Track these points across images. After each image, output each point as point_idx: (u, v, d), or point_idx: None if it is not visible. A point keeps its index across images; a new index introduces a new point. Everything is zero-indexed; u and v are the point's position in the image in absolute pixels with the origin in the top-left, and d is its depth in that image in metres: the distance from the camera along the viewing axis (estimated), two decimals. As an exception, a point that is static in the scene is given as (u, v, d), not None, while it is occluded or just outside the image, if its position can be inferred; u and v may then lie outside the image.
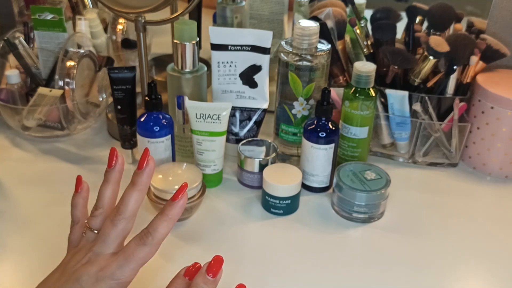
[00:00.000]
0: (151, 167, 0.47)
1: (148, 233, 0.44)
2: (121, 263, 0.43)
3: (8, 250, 0.62)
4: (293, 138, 0.78)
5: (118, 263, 0.43)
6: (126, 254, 0.44)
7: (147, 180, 0.47)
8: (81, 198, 0.51)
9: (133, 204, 0.46)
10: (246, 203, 0.71)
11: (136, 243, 0.44)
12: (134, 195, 0.46)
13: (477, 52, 0.76)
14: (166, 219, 0.45)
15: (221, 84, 0.77)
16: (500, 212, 0.72)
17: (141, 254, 0.44)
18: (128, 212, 0.46)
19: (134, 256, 0.43)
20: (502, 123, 0.75)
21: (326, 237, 0.66)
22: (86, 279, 0.43)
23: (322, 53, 0.72)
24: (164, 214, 0.45)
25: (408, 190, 0.76)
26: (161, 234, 0.44)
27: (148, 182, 0.47)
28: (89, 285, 0.42)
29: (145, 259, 0.44)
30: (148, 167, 0.47)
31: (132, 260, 0.43)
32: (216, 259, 0.45)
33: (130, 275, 0.44)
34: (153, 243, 0.44)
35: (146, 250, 0.44)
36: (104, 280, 0.43)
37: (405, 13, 0.88)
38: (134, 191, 0.46)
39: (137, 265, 0.44)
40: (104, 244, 0.45)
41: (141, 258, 0.44)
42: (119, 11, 0.77)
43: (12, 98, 0.85)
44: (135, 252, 0.44)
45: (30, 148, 0.83)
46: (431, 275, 0.60)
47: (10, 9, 1.04)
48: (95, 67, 0.86)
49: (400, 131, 0.79)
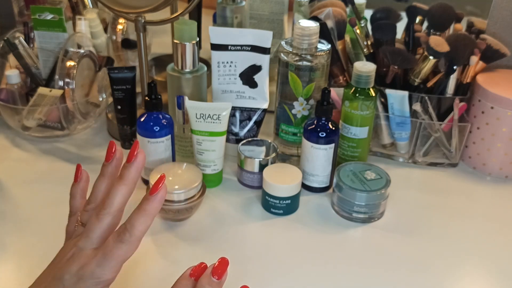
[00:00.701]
0: (140, 161, 0.44)
1: (126, 229, 0.42)
2: (100, 261, 0.42)
3: (8, 250, 0.62)
4: (293, 138, 0.78)
5: (97, 261, 0.42)
6: (105, 252, 0.42)
7: (135, 174, 0.44)
8: (79, 189, 0.50)
9: (119, 199, 0.44)
10: (246, 203, 0.71)
11: (114, 240, 0.42)
12: (120, 189, 0.44)
13: (477, 52, 0.76)
14: (144, 214, 0.42)
15: (221, 84, 0.77)
16: (500, 212, 0.72)
17: (119, 251, 0.42)
18: (113, 207, 0.44)
19: (113, 254, 0.41)
20: (502, 123, 0.75)
21: (326, 237, 0.66)
22: (68, 278, 0.42)
23: (322, 53, 0.72)
24: (141, 209, 0.42)
25: (408, 190, 0.76)
26: (139, 230, 0.42)
27: (136, 176, 0.44)
28: (71, 284, 0.41)
29: (124, 257, 0.42)
30: (136, 160, 0.44)
31: (110, 258, 0.42)
32: (222, 261, 0.45)
33: (111, 273, 0.42)
34: (130, 240, 0.41)
35: (125, 248, 0.42)
36: (85, 280, 0.41)
37: (405, 13, 0.88)
38: (121, 185, 0.44)
39: (117, 263, 0.42)
40: (87, 239, 0.44)
41: (120, 255, 0.42)
42: (119, 11, 0.77)
43: (12, 98, 0.85)
44: (113, 249, 0.42)
45: (30, 148, 0.83)
46: (431, 275, 0.60)
47: (10, 9, 1.04)
48: (95, 67, 0.86)
49: (400, 131, 0.80)
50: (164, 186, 0.43)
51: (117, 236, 0.42)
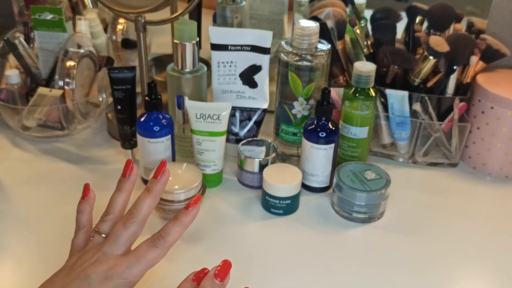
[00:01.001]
0: (167, 177, 0.50)
1: (161, 236, 0.47)
2: (131, 263, 0.45)
3: (8, 250, 0.62)
4: (293, 138, 0.78)
5: (128, 262, 0.45)
6: (137, 255, 0.46)
7: (161, 189, 0.50)
8: (88, 205, 0.53)
9: (145, 209, 0.48)
10: (246, 203, 0.71)
11: (148, 245, 0.46)
12: (147, 201, 0.49)
13: (477, 52, 0.76)
14: (179, 225, 0.47)
15: (221, 84, 0.77)
16: (500, 212, 0.72)
17: (151, 255, 0.46)
18: (140, 216, 0.48)
19: (145, 257, 0.45)
20: (502, 123, 0.75)
21: (326, 237, 0.66)
22: (94, 277, 0.44)
23: (322, 53, 0.72)
24: (178, 220, 0.48)
25: (408, 190, 0.76)
26: (173, 238, 0.47)
27: (162, 190, 0.50)
28: (97, 282, 0.44)
29: (154, 261, 0.46)
30: (164, 176, 0.50)
31: (142, 261, 0.45)
32: (225, 263, 0.46)
33: (138, 275, 0.45)
34: (164, 246, 0.46)
35: (157, 252, 0.46)
36: (113, 278, 0.44)
37: (405, 13, 0.88)
38: (148, 197, 0.49)
39: (146, 266, 0.46)
40: (114, 245, 0.47)
41: (151, 259, 0.46)
42: (119, 11, 0.77)
43: (12, 98, 0.85)
44: (146, 253, 0.46)
45: (30, 148, 0.83)
46: (431, 275, 0.60)
47: (10, 9, 1.04)
48: (95, 67, 0.86)
49: (400, 131, 0.79)
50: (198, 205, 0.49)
51: (152, 242, 0.46)
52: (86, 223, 0.51)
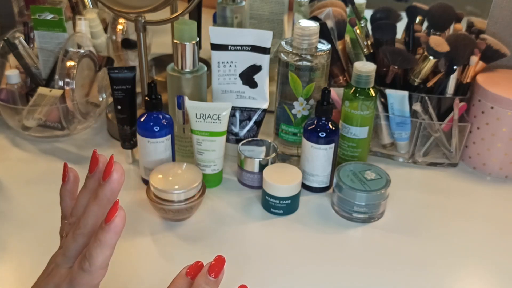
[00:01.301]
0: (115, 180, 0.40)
1: (85, 258, 0.39)
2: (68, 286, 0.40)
3: (8, 250, 0.62)
4: (293, 138, 0.78)
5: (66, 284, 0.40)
6: (71, 278, 0.40)
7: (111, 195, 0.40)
8: (68, 190, 0.48)
9: (92, 220, 0.41)
10: (246, 203, 0.71)
11: (77, 267, 0.40)
12: (93, 210, 0.41)
13: (477, 52, 0.76)
14: (99, 245, 0.38)
15: (221, 84, 0.77)
16: (500, 212, 0.72)
17: (82, 280, 0.40)
18: (87, 228, 0.41)
19: (77, 282, 0.40)
20: (502, 123, 0.75)
21: (326, 237, 0.66)
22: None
23: (322, 53, 0.72)
24: (96, 239, 0.39)
25: (408, 190, 0.76)
26: (97, 260, 0.39)
27: (112, 196, 0.40)
28: None
29: (89, 285, 0.40)
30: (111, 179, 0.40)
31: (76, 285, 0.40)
32: (218, 259, 0.44)
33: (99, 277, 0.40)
34: (91, 269, 0.39)
35: (87, 277, 0.39)
36: None
37: (405, 13, 0.88)
38: (94, 205, 0.41)
39: None
40: (64, 258, 0.42)
41: (83, 284, 0.40)
42: (119, 11, 0.77)
43: (12, 98, 0.85)
44: (77, 277, 0.40)
45: (30, 148, 0.83)
46: (431, 275, 0.60)
47: (10, 9, 1.04)
48: (95, 67, 0.86)
49: (400, 131, 0.79)
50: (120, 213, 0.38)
51: (79, 264, 0.40)
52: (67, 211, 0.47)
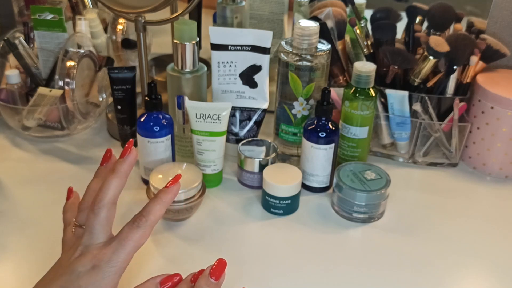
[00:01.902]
0: (133, 156, 0.48)
1: (142, 215, 0.45)
2: (116, 248, 0.44)
3: (8, 250, 0.62)
4: (293, 138, 0.78)
5: (112, 249, 0.44)
6: (120, 238, 0.44)
7: (128, 168, 0.48)
8: (72, 204, 0.53)
9: (112, 191, 0.46)
10: (246, 203, 0.71)
11: (130, 227, 0.45)
12: (113, 182, 0.46)
13: (477, 52, 0.76)
14: (160, 202, 0.46)
15: (221, 84, 0.77)
16: (500, 212, 0.72)
17: (135, 236, 0.44)
18: (107, 198, 0.46)
19: (129, 239, 0.44)
20: (502, 123, 0.75)
21: (326, 237, 0.66)
22: (81, 269, 0.43)
23: (322, 53, 0.72)
24: (158, 198, 0.47)
25: (408, 190, 0.76)
26: (154, 215, 0.45)
27: (128, 170, 0.48)
28: (86, 274, 0.42)
29: (139, 242, 0.44)
30: (130, 156, 0.48)
31: (126, 244, 0.44)
32: (220, 262, 0.45)
33: (125, 260, 0.44)
34: (146, 225, 0.45)
35: (140, 232, 0.44)
36: (100, 266, 0.43)
37: (405, 13, 0.88)
38: (113, 178, 0.46)
39: (132, 249, 0.44)
40: (91, 236, 0.45)
41: (135, 240, 0.44)
42: (119, 11, 0.77)
43: (12, 98, 0.85)
44: (129, 235, 0.44)
45: (30, 148, 0.83)
46: (431, 275, 0.60)
47: (10, 9, 1.04)
48: (95, 67, 0.86)
49: (400, 131, 0.79)
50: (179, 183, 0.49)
51: (133, 223, 0.45)
52: (71, 220, 0.50)
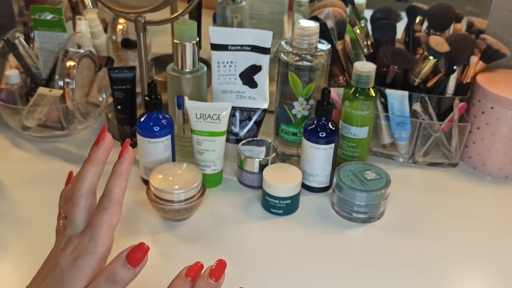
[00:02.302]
0: (107, 142, 0.47)
1: (104, 196, 0.45)
2: (90, 234, 0.44)
3: (8, 250, 0.62)
4: (293, 138, 0.78)
5: (88, 236, 0.44)
6: (91, 224, 0.44)
7: (103, 155, 0.47)
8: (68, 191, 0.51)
9: (89, 179, 0.46)
10: (246, 203, 0.71)
11: (97, 211, 0.44)
12: (90, 170, 0.46)
13: (477, 52, 0.76)
14: (117, 177, 0.45)
15: (221, 84, 0.77)
16: (500, 212, 0.72)
17: (104, 218, 0.44)
18: (84, 188, 0.46)
19: (99, 222, 0.44)
20: (502, 123, 0.75)
21: (326, 237, 0.66)
22: (64, 262, 0.43)
23: (322, 53, 0.72)
24: (114, 173, 0.46)
25: (408, 190, 0.76)
26: (116, 193, 0.45)
27: (104, 157, 0.47)
28: (68, 266, 0.43)
29: (110, 222, 0.44)
30: (104, 142, 0.47)
31: (99, 228, 0.43)
32: (219, 263, 0.45)
33: (104, 244, 0.44)
34: (111, 204, 0.44)
35: (108, 213, 0.44)
36: (81, 256, 0.43)
37: (405, 13, 0.88)
38: (89, 166, 0.46)
39: (106, 231, 0.44)
40: (71, 226, 0.45)
41: (106, 222, 0.44)
42: (119, 11, 0.77)
43: (12, 98, 0.85)
44: (98, 219, 0.44)
45: (30, 148, 0.83)
46: (431, 275, 0.60)
47: (10, 9, 1.04)
48: (95, 67, 0.86)
49: (400, 131, 0.80)
50: (129, 148, 0.47)
51: (98, 206, 0.44)
52: None
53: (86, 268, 0.43)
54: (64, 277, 0.42)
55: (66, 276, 0.42)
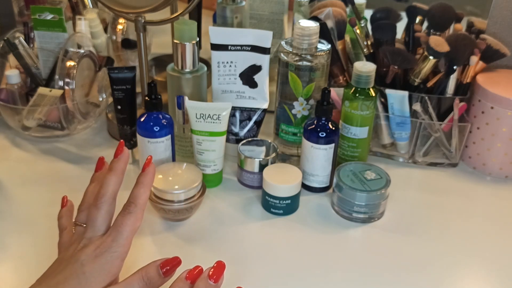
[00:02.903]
0: (126, 154, 0.53)
1: (130, 202, 0.50)
2: (114, 235, 0.48)
3: (8, 250, 0.62)
4: (293, 138, 0.78)
5: (111, 236, 0.48)
6: (116, 225, 0.48)
7: (123, 165, 0.53)
8: (67, 211, 0.56)
9: (112, 187, 0.51)
10: (246, 203, 0.71)
11: (122, 215, 0.49)
12: (112, 179, 0.51)
13: (477, 52, 0.76)
14: (142, 186, 0.51)
15: (221, 84, 0.77)
16: (500, 212, 0.72)
17: (129, 221, 0.48)
18: (108, 194, 0.50)
19: (124, 224, 0.48)
20: (502, 123, 0.75)
21: (326, 237, 0.66)
22: (85, 258, 0.46)
23: (322, 53, 0.72)
24: (139, 183, 0.51)
25: (408, 190, 0.76)
26: (141, 199, 0.50)
27: (123, 167, 0.53)
28: (90, 262, 0.46)
29: (133, 226, 0.49)
30: (123, 154, 0.53)
31: (123, 230, 0.48)
32: (219, 264, 0.46)
33: (125, 245, 0.48)
34: (136, 209, 0.49)
35: (132, 217, 0.49)
36: (103, 255, 0.46)
37: (405, 13, 0.88)
38: (112, 175, 0.51)
39: (129, 233, 0.48)
40: (93, 228, 0.49)
41: (130, 225, 0.48)
42: (119, 11, 0.77)
43: (12, 98, 0.85)
44: (123, 221, 0.48)
45: (30, 148, 0.83)
46: (431, 275, 0.60)
47: (10, 9, 1.04)
48: (95, 67, 0.86)
49: (400, 131, 0.79)
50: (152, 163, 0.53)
51: (124, 210, 0.49)
52: (67, 224, 0.54)
53: (108, 265, 0.46)
54: (87, 272, 0.45)
55: (89, 270, 0.45)
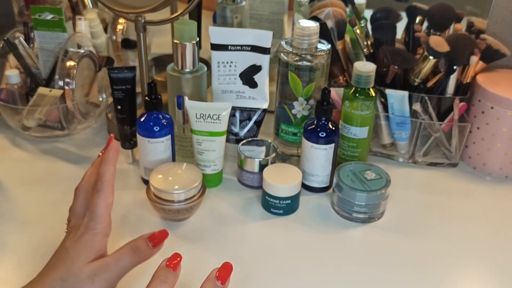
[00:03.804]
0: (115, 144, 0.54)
1: (97, 181, 0.51)
2: (89, 216, 0.49)
3: (8, 250, 0.62)
4: (293, 138, 0.78)
5: (87, 217, 0.49)
6: (90, 207, 0.50)
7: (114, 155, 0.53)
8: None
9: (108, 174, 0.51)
10: (246, 203, 0.71)
11: (92, 194, 0.50)
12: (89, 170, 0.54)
13: (477, 52, 0.76)
14: (106, 163, 0.51)
15: (221, 84, 0.77)
16: (500, 212, 0.72)
17: (99, 199, 0.49)
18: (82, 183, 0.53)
19: (95, 203, 0.49)
20: (502, 123, 0.75)
21: (326, 237, 0.66)
22: (68, 242, 0.49)
23: (322, 53, 0.72)
24: (103, 160, 0.52)
25: (408, 190, 0.76)
26: (107, 175, 0.51)
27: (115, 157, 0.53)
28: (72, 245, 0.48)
29: (105, 202, 0.50)
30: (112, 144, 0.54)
31: (95, 208, 0.49)
32: (226, 266, 0.46)
33: (102, 221, 0.49)
34: (103, 186, 0.50)
35: (102, 194, 0.50)
36: (83, 235, 0.48)
37: (405, 13, 0.88)
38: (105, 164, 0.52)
39: (103, 210, 0.49)
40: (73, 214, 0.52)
41: (101, 202, 0.49)
42: (119, 11, 0.77)
43: (12, 98, 0.85)
44: (94, 200, 0.50)
45: (30, 148, 0.83)
46: (431, 275, 0.60)
47: (10, 9, 1.04)
48: (95, 67, 0.86)
49: (400, 131, 0.79)
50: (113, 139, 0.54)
51: (93, 190, 0.51)
52: None
53: (90, 243, 0.48)
54: (70, 253, 0.48)
55: (72, 251, 0.47)
